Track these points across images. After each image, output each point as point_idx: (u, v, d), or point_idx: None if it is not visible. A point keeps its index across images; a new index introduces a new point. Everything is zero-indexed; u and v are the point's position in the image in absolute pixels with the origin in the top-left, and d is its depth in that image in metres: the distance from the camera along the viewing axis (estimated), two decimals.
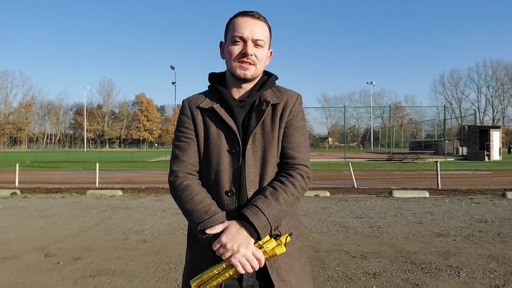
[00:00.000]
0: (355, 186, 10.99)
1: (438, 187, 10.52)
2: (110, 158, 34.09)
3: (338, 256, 4.25)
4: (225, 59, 1.37)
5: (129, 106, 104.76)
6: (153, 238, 5.12)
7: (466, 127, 33.65)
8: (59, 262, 4.08)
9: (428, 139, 55.56)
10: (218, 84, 1.39)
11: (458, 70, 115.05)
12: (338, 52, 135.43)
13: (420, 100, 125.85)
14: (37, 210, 7.34)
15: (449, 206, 7.45)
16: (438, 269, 3.77)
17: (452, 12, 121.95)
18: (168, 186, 1.37)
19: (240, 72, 1.31)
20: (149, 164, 26.26)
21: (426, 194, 8.99)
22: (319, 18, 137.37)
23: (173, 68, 35.82)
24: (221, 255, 1.18)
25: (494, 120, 73.76)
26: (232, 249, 1.16)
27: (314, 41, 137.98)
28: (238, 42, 1.31)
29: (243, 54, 1.30)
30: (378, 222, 6.05)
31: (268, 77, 1.42)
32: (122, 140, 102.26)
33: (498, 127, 31.94)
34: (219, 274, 1.18)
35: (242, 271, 1.16)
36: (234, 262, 1.16)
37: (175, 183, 1.32)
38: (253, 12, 1.34)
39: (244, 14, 1.33)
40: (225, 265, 1.18)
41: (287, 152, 1.33)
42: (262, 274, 1.26)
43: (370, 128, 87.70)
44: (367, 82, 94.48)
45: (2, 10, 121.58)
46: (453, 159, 28.37)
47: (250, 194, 1.28)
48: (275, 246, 1.19)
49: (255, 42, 1.31)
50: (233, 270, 1.17)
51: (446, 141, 33.70)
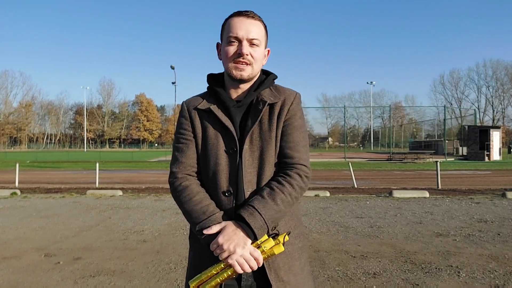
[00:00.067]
0: (355, 186, 10.98)
1: (438, 187, 10.52)
2: (110, 158, 34.10)
3: (338, 256, 4.25)
4: (222, 60, 1.37)
5: (129, 106, 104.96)
6: (153, 238, 5.12)
7: (466, 127, 33.65)
8: (59, 262, 4.08)
9: (428, 139, 55.56)
10: (216, 85, 1.39)
11: (458, 70, 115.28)
12: (338, 52, 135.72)
13: (420, 100, 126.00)
14: (37, 210, 7.35)
15: (449, 206, 7.45)
16: (438, 269, 3.77)
17: (452, 12, 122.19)
18: (168, 186, 1.38)
19: (236, 73, 1.31)
20: (149, 164, 26.26)
21: (426, 194, 8.99)
22: (319, 18, 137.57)
23: (173, 68, 35.84)
24: (218, 256, 1.18)
25: (494, 120, 73.77)
26: (228, 249, 1.16)
27: (314, 41, 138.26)
28: (234, 42, 1.31)
29: (239, 54, 1.30)
30: (378, 222, 6.05)
31: (266, 76, 1.41)
32: (122, 140, 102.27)
33: (498, 127, 31.94)
34: (218, 274, 1.19)
35: (240, 271, 1.16)
36: (232, 262, 1.16)
37: (175, 184, 1.34)
38: (247, 11, 1.33)
39: (238, 14, 1.33)
40: (223, 265, 1.19)
41: (285, 151, 1.32)
42: (261, 274, 1.26)
43: (370, 128, 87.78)
44: (367, 82, 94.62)
45: (2, 10, 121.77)
46: (453, 159, 28.37)
47: (248, 194, 1.28)
48: (273, 246, 1.19)
49: (251, 42, 1.31)
50: (231, 270, 1.17)
51: (446, 141, 33.70)
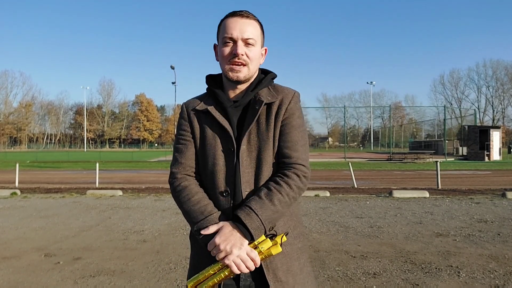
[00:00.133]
0: (355, 186, 10.98)
1: (438, 187, 10.52)
2: (110, 158, 34.10)
3: (338, 256, 4.25)
4: (218, 61, 1.37)
5: (129, 106, 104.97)
6: (153, 238, 5.12)
7: (466, 127, 33.65)
8: (59, 262, 4.08)
9: (428, 139, 55.55)
10: (215, 85, 1.39)
11: (458, 70, 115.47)
12: (338, 52, 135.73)
13: (420, 100, 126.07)
14: (37, 210, 7.34)
15: (449, 206, 7.45)
16: (438, 269, 3.77)
17: (452, 12, 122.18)
18: (168, 186, 1.39)
19: (232, 75, 1.31)
20: (149, 164, 26.26)
21: (426, 194, 8.99)
22: (319, 18, 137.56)
23: (173, 68, 35.83)
24: (215, 256, 1.19)
25: (494, 120, 73.78)
26: (225, 250, 1.16)
27: (314, 41, 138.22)
28: (228, 43, 1.31)
29: (234, 55, 1.29)
30: (378, 222, 6.05)
31: (265, 75, 1.40)
32: (122, 140, 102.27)
33: (498, 127, 31.93)
34: (215, 274, 1.19)
35: (237, 272, 1.17)
36: (228, 262, 1.16)
37: (174, 184, 1.35)
38: (241, 11, 1.33)
39: (233, 14, 1.33)
40: (220, 265, 1.19)
41: (283, 151, 1.31)
42: (259, 274, 1.26)
43: (370, 128, 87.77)
44: (367, 82, 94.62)
45: (2, 10, 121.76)
46: (453, 159, 28.37)
47: (246, 194, 1.27)
48: (271, 246, 1.19)
49: (246, 41, 1.30)
50: (228, 270, 1.18)
51: (446, 141, 33.69)
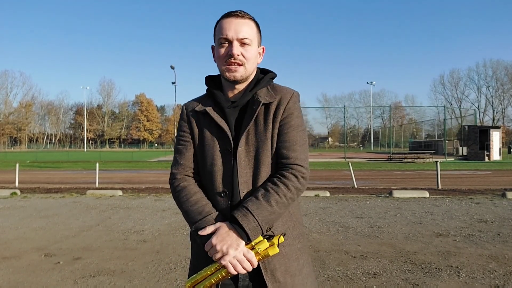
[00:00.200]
0: (355, 186, 10.98)
1: (438, 187, 10.52)
2: (110, 158, 34.10)
3: (338, 256, 4.25)
4: (216, 62, 1.37)
5: (129, 106, 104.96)
6: (153, 238, 5.12)
7: (466, 127, 33.65)
8: (59, 262, 4.08)
9: (428, 139, 55.52)
10: (214, 86, 1.39)
11: (458, 70, 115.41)
12: (338, 52, 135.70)
13: (420, 100, 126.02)
14: (37, 210, 7.34)
15: (449, 206, 7.45)
16: (438, 269, 3.77)
17: (452, 12, 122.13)
18: (168, 186, 1.40)
19: (229, 75, 1.31)
20: (149, 164, 26.26)
21: (426, 194, 8.98)
22: (319, 18, 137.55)
23: (173, 68, 35.83)
24: (212, 256, 1.19)
25: (494, 120, 73.76)
26: (221, 250, 1.17)
27: (314, 41, 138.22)
28: (224, 43, 1.31)
29: (230, 55, 1.29)
30: (378, 222, 6.05)
31: (264, 75, 1.40)
32: (122, 140, 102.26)
33: (498, 127, 31.93)
34: (212, 274, 1.20)
35: (233, 272, 1.17)
36: (225, 263, 1.17)
37: (173, 185, 1.37)
38: (236, 11, 1.32)
39: (227, 15, 1.33)
40: (217, 265, 1.19)
41: (281, 151, 1.30)
42: (258, 275, 1.26)
43: (370, 128, 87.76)
44: (367, 82, 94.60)
45: (2, 10, 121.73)
46: (453, 159, 28.37)
47: (243, 194, 1.27)
48: (268, 247, 1.19)
49: (241, 41, 1.30)
50: (225, 271, 1.18)
51: (446, 141, 33.68)
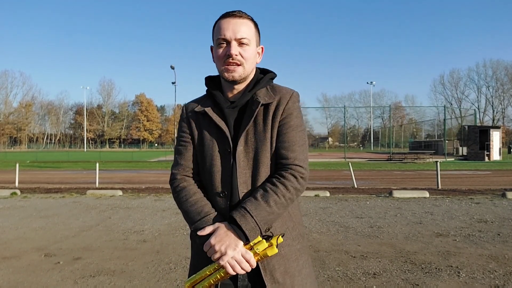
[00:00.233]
0: (355, 186, 10.98)
1: (438, 187, 10.52)
2: (110, 158, 34.09)
3: (338, 256, 4.25)
4: (215, 63, 1.37)
5: (129, 106, 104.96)
6: (153, 238, 5.12)
7: (466, 127, 33.64)
8: (59, 262, 4.08)
9: (428, 139, 55.51)
10: (213, 86, 1.40)
11: (458, 70, 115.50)
12: (338, 52, 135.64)
13: (420, 100, 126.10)
14: (37, 210, 7.34)
15: (449, 206, 7.45)
16: (438, 269, 3.77)
17: (452, 12, 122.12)
18: (168, 186, 1.40)
19: (228, 75, 1.31)
20: (149, 164, 26.26)
21: (426, 194, 8.98)
22: (319, 18, 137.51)
23: (173, 68, 35.84)
24: (211, 256, 1.19)
25: (494, 120, 73.76)
26: (220, 251, 1.17)
27: (314, 41, 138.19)
28: (222, 44, 1.31)
29: (228, 55, 1.29)
30: (378, 222, 6.05)
31: (264, 75, 1.40)
32: (122, 140, 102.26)
33: (498, 127, 31.92)
34: (211, 275, 1.20)
35: (232, 273, 1.17)
36: (223, 263, 1.17)
37: (173, 185, 1.38)
38: (234, 11, 1.32)
39: (225, 15, 1.33)
40: (216, 266, 1.20)
41: (280, 152, 1.30)
42: (257, 275, 1.26)
43: (370, 128, 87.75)
44: (367, 82, 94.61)
45: (2, 10, 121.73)
46: (453, 159, 28.37)
47: (242, 195, 1.27)
48: (266, 248, 1.19)
49: (239, 41, 1.30)
50: (223, 271, 1.18)
51: (446, 141, 33.68)
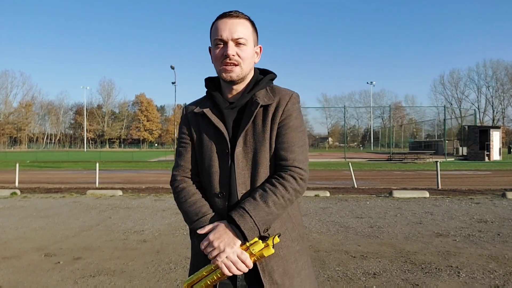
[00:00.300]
0: (355, 186, 10.98)
1: (438, 187, 10.52)
2: (110, 158, 34.10)
3: (338, 256, 4.25)
4: (213, 64, 1.38)
5: (129, 106, 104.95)
6: (153, 238, 5.12)
7: (466, 127, 33.64)
8: (59, 262, 4.08)
9: (428, 139, 55.48)
10: (213, 87, 1.40)
11: (458, 70, 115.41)
12: (338, 52, 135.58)
13: (420, 100, 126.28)
14: (37, 210, 7.34)
15: (449, 206, 7.45)
16: (438, 269, 3.77)
17: (452, 12, 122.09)
18: (168, 186, 1.41)
19: (226, 75, 1.31)
20: (149, 164, 26.27)
21: (426, 194, 8.98)
22: (319, 18, 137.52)
23: (173, 68, 35.80)
24: (208, 254, 1.19)
25: (494, 120, 73.74)
26: (218, 247, 1.17)
27: (314, 41, 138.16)
28: (220, 44, 1.31)
29: (225, 56, 1.29)
30: (378, 222, 6.05)
31: (264, 76, 1.40)
32: (122, 140, 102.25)
33: (498, 127, 31.93)
34: (208, 275, 1.20)
35: (228, 273, 1.17)
36: (219, 264, 1.17)
37: (173, 186, 1.39)
38: (231, 11, 1.32)
39: (222, 16, 1.33)
40: (213, 266, 1.20)
41: (280, 153, 1.30)
42: (256, 276, 1.26)
43: (370, 128, 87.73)
44: (367, 82, 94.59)
45: (2, 10, 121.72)
46: (453, 159, 28.37)
47: (241, 195, 1.28)
48: (263, 248, 1.19)
49: (236, 41, 1.30)
50: (220, 272, 1.18)
51: (446, 141, 33.67)
